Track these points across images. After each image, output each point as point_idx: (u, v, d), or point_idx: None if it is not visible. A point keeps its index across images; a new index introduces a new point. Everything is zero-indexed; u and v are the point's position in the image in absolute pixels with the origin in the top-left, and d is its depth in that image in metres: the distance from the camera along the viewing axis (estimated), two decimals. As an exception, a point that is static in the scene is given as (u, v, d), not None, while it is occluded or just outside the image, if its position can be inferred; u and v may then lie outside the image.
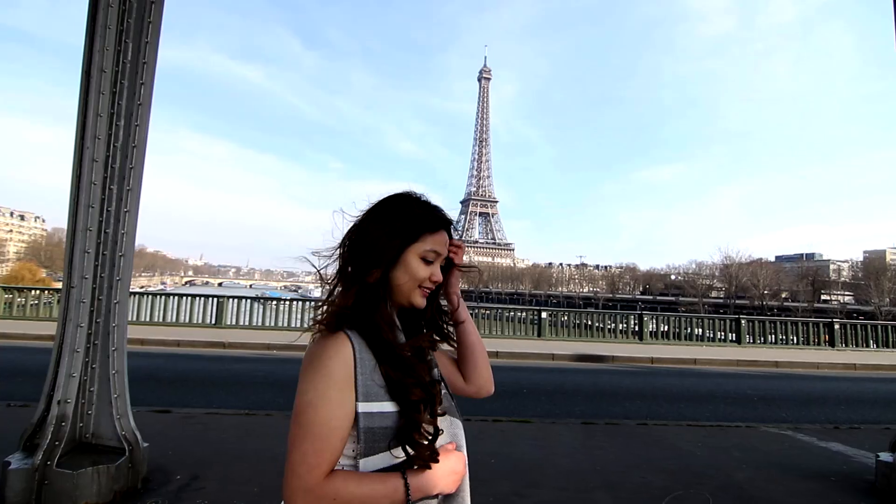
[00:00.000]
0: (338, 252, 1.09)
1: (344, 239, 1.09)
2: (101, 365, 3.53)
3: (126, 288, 3.67)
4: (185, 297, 14.59)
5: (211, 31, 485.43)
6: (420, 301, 1.09)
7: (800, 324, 16.30)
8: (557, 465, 4.57)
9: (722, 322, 16.30)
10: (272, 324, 14.87)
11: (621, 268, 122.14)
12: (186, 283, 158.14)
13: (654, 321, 16.42)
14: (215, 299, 14.61)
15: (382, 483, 0.93)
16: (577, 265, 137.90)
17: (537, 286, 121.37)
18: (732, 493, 4.07)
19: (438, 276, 1.09)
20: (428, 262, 1.07)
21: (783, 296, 74.11)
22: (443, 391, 1.10)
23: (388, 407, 0.97)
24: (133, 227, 3.71)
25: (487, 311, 17.75)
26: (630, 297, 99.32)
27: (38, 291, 15.69)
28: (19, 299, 14.89)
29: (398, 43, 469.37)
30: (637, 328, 15.92)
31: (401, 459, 0.96)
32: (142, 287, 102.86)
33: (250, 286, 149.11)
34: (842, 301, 68.62)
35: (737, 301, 73.09)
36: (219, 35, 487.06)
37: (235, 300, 14.65)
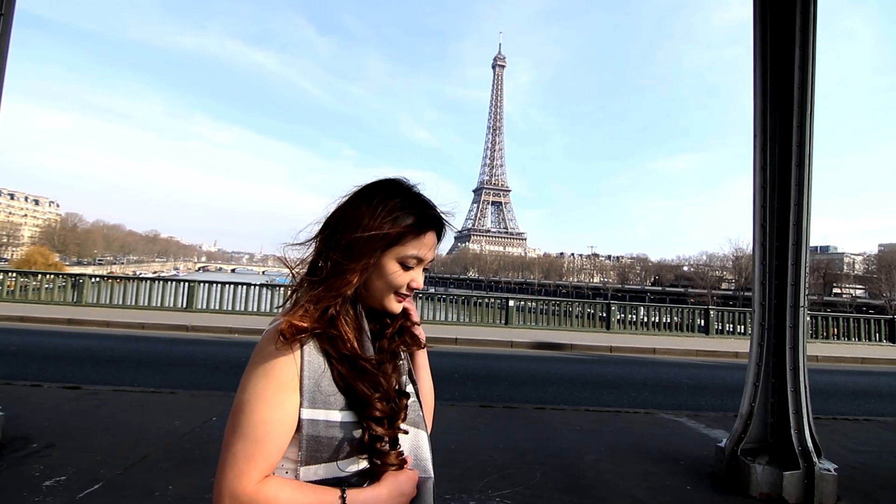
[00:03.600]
0: (314, 243, 0.98)
1: (322, 228, 0.97)
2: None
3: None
4: (157, 282, 15.00)
5: (225, 17, 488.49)
6: (395, 307, 0.99)
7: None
8: (417, 444, 4.72)
9: (690, 312, 16.23)
10: (242, 308, 15.18)
11: (632, 258, 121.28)
12: (200, 268, 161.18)
13: (623, 310, 16.40)
14: (186, 284, 14.95)
15: (316, 497, 0.86)
16: (588, 255, 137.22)
17: (547, 276, 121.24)
18: (566, 473, 4.19)
19: (419, 283, 0.98)
20: (407, 268, 0.96)
21: (793, 288, 72.72)
22: (411, 401, 1.00)
23: (337, 416, 0.89)
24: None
25: (455, 298, 17.88)
26: (640, 287, 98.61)
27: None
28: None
29: (413, 30, 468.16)
30: (605, 317, 15.94)
31: (346, 473, 0.89)
32: (154, 272, 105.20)
33: (263, 272, 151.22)
34: (853, 294, 67.22)
35: (746, 293, 72.07)
36: (233, 20, 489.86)
37: (206, 285, 14.99)
